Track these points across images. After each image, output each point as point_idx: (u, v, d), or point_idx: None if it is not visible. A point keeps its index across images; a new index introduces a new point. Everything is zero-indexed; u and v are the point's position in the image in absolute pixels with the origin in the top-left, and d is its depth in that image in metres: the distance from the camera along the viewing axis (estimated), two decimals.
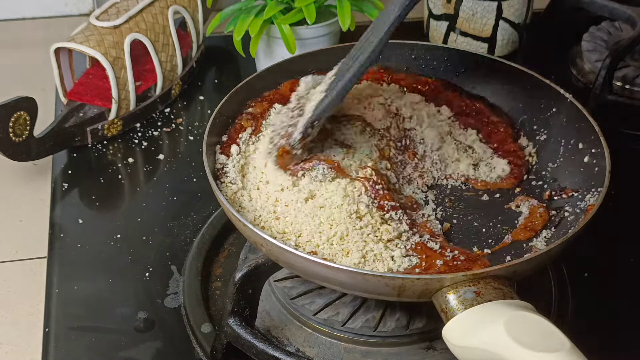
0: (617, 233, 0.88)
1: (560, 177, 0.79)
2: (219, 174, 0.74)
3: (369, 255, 0.67)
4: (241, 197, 0.73)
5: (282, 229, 0.69)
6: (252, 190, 0.73)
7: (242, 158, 0.76)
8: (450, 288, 0.61)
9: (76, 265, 0.84)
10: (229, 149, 0.77)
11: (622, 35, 1.13)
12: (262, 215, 0.71)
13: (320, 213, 0.69)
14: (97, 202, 0.92)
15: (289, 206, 0.70)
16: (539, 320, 0.57)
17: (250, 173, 0.75)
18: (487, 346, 0.56)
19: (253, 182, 0.74)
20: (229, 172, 0.74)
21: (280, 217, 0.70)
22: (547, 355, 0.54)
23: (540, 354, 0.54)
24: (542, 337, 0.55)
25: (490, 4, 1.10)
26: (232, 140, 0.78)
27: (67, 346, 0.75)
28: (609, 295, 0.82)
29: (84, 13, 1.30)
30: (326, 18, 1.05)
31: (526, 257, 0.63)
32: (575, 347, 0.55)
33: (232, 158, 0.76)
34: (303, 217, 0.69)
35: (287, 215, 0.70)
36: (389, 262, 0.67)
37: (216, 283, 0.82)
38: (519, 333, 0.55)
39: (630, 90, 1.07)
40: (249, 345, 0.70)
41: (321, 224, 0.68)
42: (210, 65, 1.15)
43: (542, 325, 0.57)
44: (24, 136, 0.92)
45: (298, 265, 0.65)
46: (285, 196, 0.71)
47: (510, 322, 0.56)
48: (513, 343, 0.55)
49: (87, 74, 1.03)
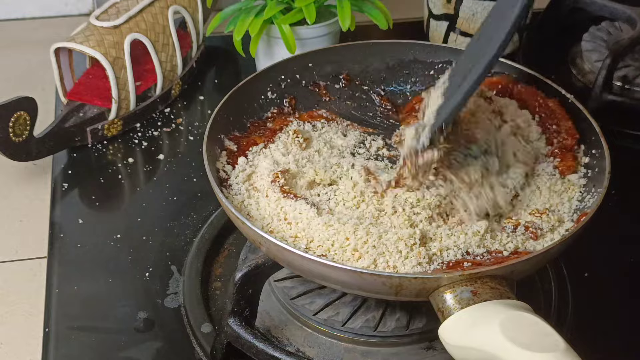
0: (617, 233, 0.88)
1: None
2: (223, 185, 0.74)
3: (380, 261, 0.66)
4: (249, 206, 0.71)
5: (294, 233, 0.68)
6: (261, 198, 0.72)
7: (249, 167, 0.76)
8: (447, 287, 0.61)
9: (76, 265, 0.84)
10: (236, 160, 0.76)
11: (622, 35, 1.13)
12: (271, 223, 0.70)
13: (335, 222, 0.68)
14: (97, 202, 0.92)
15: (303, 214, 0.69)
16: (534, 321, 0.57)
17: (258, 181, 0.74)
18: (483, 346, 0.56)
19: (262, 190, 0.73)
20: (234, 185, 0.74)
21: (292, 223, 0.69)
22: (542, 355, 0.54)
23: (535, 354, 0.54)
24: (537, 337, 0.55)
25: (490, 4, 1.10)
26: (242, 152, 0.78)
27: (67, 346, 0.75)
28: (609, 295, 0.82)
29: (84, 13, 1.30)
30: (326, 18, 1.05)
31: (523, 257, 0.63)
32: (570, 348, 0.55)
33: (238, 167, 0.75)
34: (316, 225, 0.68)
35: (299, 221, 0.69)
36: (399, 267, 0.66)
37: (216, 283, 0.82)
38: (514, 333, 0.55)
39: (630, 90, 1.07)
40: (249, 345, 0.70)
41: (336, 233, 0.67)
42: (210, 65, 1.15)
43: (538, 326, 0.57)
44: (24, 136, 0.92)
45: (296, 263, 0.65)
46: (296, 204, 0.70)
47: (506, 322, 0.56)
48: (508, 343, 0.55)
49: (87, 74, 1.03)
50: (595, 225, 0.67)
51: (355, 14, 1.01)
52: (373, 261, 0.65)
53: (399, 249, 0.66)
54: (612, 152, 0.73)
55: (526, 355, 0.54)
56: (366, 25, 1.06)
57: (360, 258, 0.66)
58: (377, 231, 0.67)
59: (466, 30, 1.13)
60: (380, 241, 0.66)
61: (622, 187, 0.81)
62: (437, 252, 0.67)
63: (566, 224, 0.71)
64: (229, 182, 0.74)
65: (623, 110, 1.04)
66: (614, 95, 1.04)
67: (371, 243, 0.66)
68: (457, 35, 1.14)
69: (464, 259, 0.66)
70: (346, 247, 0.66)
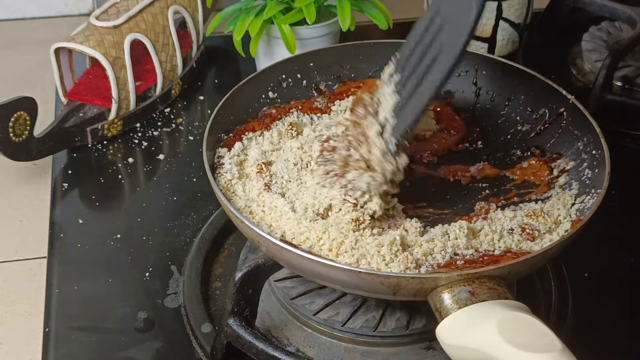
0: (617, 233, 0.88)
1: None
2: (216, 165, 0.75)
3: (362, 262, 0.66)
4: (235, 185, 0.73)
5: (268, 222, 0.70)
6: (247, 182, 0.74)
7: (243, 154, 0.77)
8: (445, 287, 0.61)
9: (76, 265, 0.84)
10: (232, 144, 0.77)
11: (622, 35, 1.13)
12: (251, 206, 0.71)
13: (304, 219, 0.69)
14: (97, 202, 0.92)
15: (278, 207, 0.70)
16: (531, 321, 0.57)
17: (247, 168, 0.76)
18: (479, 346, 0.56)
19: (249, 176, 0.75)
20: (226, 164, 0.75)
21: (266, 212, 0.71)
22: (538, 355, 0.54)
23: (531, 354, 0.54)
24: (533, 338, 0.55)
25: (490, 4, 1.10)
26: (238, 138, 0.78)
27: (67, 346, 0.75)
28: (609, 295, 0.82)
29: (84, 13, 1.30)
30: (326, 18, 1.05)
31: (521, 258, 0.63)
32: (567, 348, 0.55)
33: (233, 151, 0.77)
34: (287, 220, 0.69)
35: (272, 212, 0.70)
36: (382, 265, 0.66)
37: (216, 283, 0.82)
38: (510, 333, 0.55)
39: (630, 90, 1.07)
40: (249, 345, 0.70)
41: (307, 231, 0.68)
42: (210, 65, 1.15)
43: (535, 326, 0.57)
44: (24, 136, 0.92)
45: (296, 263, 0.65)
46: (273, 197, 0.72)
47: (503, 322, 0.56)
48: (504, 343, 0.55)
49: (87, 74, 1.03)
50: (595, 225, 0.67)
51: (355, 14, 1.01)
52: (356, 261, 0.66)
53: (381, 253, 0.66)
54: (612, 152, 0.73)
55: (522, 355, 0.54)
56: (366, 25, 1.06)
57: (339, 257, 0.66)
58: (352, 234, 0.68)
59: None
60: (358, 244, 0.67)
61: (622, 187, 0.81)
62: (421, 257, 0.67)
63: (564, 224, 0.71)
64: (222, 162, 0.75)
65: (623, 110, 1.04)
66: (614, 95, 1.04)
67: (348, 245, 0.66)
68: None
69: (454, 259, 0.67)
70: (322, 246, 0.67)
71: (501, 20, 1.12)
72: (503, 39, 1.13)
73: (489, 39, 1.13)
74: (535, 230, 0.69)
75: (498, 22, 1.11)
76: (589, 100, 1.02)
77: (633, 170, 0.96)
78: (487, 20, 1.11)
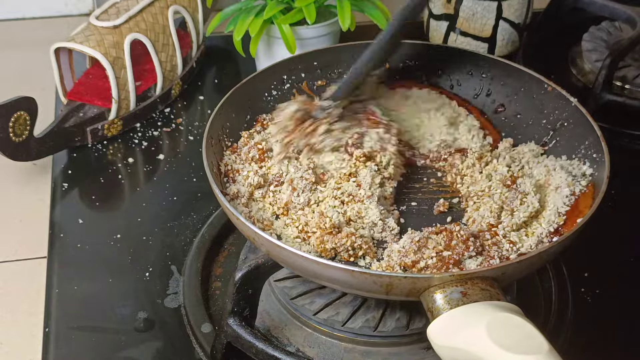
0: (617, 233, 0.88)
1: None
2: (228, 171, 0.77)
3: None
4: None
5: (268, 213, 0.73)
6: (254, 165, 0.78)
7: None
8: (438, 287, 0.61)
9: (76, 265, 0.84)
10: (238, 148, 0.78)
11: (622, 35, 1.13)
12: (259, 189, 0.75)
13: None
14: (97, 202, 0.92)
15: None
16: (521, 323, 0.57)
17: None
18: (468, 347, 0.57)
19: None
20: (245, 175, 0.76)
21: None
22: (524, 357, 0.54)
23: (518, 356, 0.54)
24: (521, 340, 0.56)
25: (490, 4, 1.10)
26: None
27: (67, 346, 0.75)
28: (609, 295, 0.82)
29: (84, 13, 1.30)
30: (326, 18, 1.05)
31: (515, 260, 0.63)
32: (554, 350, 0.55)
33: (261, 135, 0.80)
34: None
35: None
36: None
37: (216, 283, 0.82)
38: (499, 335, 0.56)
39: (630, 90, 1.07)
40: (249, 345, 0.70)
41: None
42: (210, 65, 1.15)
43: (524, 328, 0.57)
44: (24, 136, 0.92)
45: (295, 263, 0.65)
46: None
47: (492, 323, 0.57)
48: (492, 344, 0.55)
49: (87, 74, 1.03)
50: (595, 225, 0.67)
51: (355, 14, 1.01)
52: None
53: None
54: (612, 152, 0.73)
55: (509, 357, 0.54)
56: (366, 25, 1.06)
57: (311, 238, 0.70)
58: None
59: (466, 30, 1.13)
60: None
61: (622, 187, 0.81)
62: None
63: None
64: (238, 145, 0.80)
65: (623, 110, 1.04)
66: (614, 95, 1.04)
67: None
68: (457, 35, 1.14)
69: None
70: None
71: (501, 20, 1.12)
72: (503, 39, 1.13)
73: (489, 39, 1.13)
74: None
75: (498, 22, 1.12)
76: (589, 100, 1.02)
77: (633, 170, 0.96)
78: (487, 20, 1.11)
